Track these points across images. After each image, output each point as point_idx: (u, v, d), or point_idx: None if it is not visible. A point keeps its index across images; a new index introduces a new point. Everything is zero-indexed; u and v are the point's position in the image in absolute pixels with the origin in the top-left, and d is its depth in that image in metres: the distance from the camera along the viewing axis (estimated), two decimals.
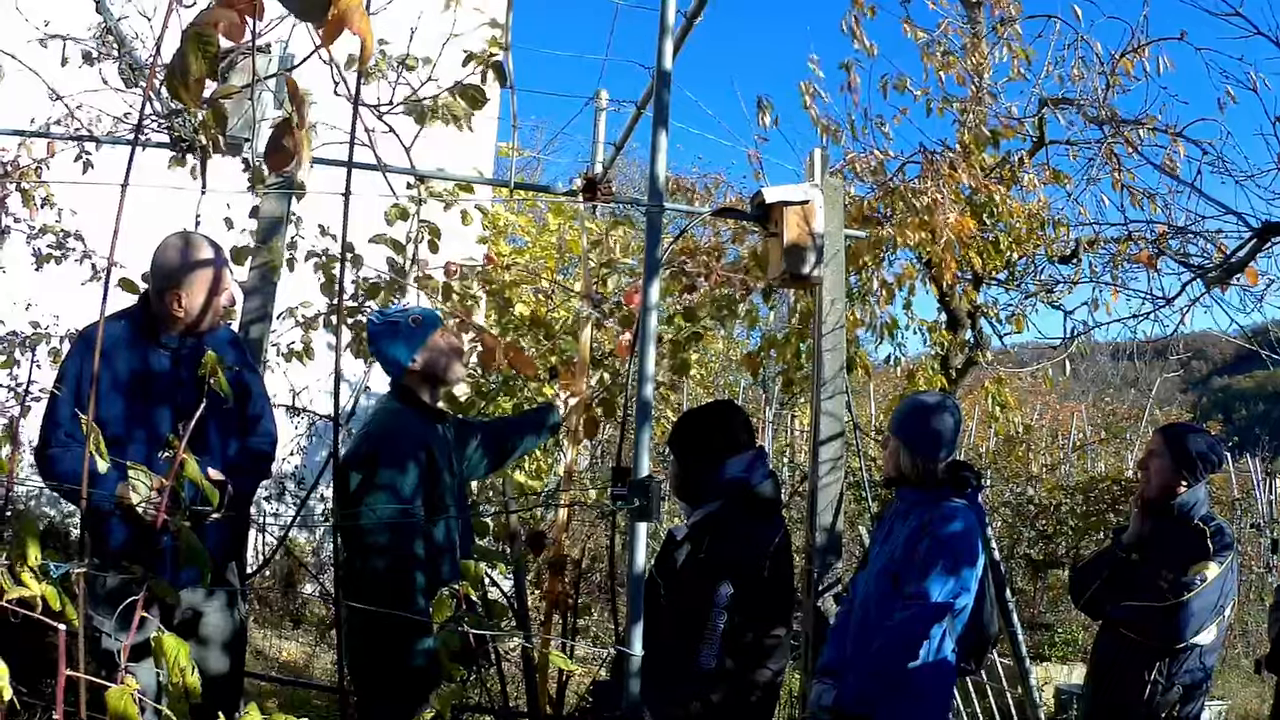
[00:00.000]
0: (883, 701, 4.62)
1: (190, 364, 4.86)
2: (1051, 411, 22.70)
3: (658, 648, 4.28)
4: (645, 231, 4.35)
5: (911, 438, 4.95)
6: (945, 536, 4.65)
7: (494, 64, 5.57)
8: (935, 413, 4.97)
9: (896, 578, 4.69)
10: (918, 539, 4.69)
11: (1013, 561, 12.92)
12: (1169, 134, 8.20)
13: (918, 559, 4.64)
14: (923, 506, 4.80)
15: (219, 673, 4.91)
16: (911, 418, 5.04)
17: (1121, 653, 5.27)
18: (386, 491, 4.76)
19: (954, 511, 4.71)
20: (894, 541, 4.83)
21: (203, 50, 2.14)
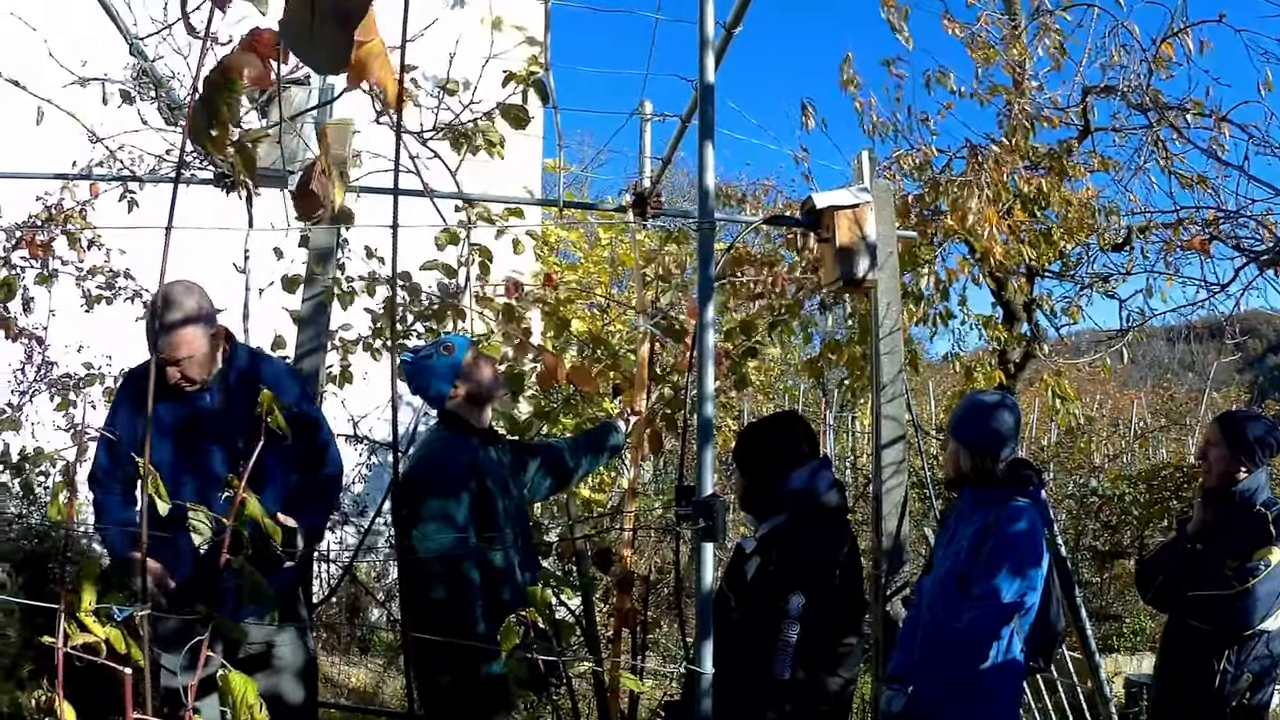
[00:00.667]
0: (953, 704, 4.61)
1: (238, 399, 4.86)
2: (1112, 400, 22.51)
3: (730, 661, 4.25)
4: (698, 249, 4.32)
5: (971, 438, 4.92)
6: (1010, 536, 4.62)
7: (535, 82, 5.57)
8: (993, 411, 4.94)
9: (963, 580, 4.66)
10: (982, 540, 4.66)
11: (1078, 554, 12.80)
12: (1213, 118, 8.11)
13: (983, 560, 4.61)
14: (986, 507, 4.76)
15: (294, 704, 4.93)
16: (970, 418, 5.01)
17: (1189, 643, 5.21)
18: (439, 520, 4.78)
19: (1018, 511, 4.67)
20: (958, 544, 4.80)
21: (226, 97, 2.13)
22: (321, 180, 2.45)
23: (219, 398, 4.86)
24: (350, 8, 1.92)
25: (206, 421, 4.83)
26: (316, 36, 1.94)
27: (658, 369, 6.44)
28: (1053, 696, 7.43)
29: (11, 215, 7.11)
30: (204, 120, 2.14)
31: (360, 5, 1.93)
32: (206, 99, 2.13)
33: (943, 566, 4.89)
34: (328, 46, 1.96)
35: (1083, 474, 14.59)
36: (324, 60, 2.01)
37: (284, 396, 4.88)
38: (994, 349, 9.35)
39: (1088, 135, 9.46)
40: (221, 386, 4.87)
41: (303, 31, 1.93)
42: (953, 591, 4.70)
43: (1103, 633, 11.30)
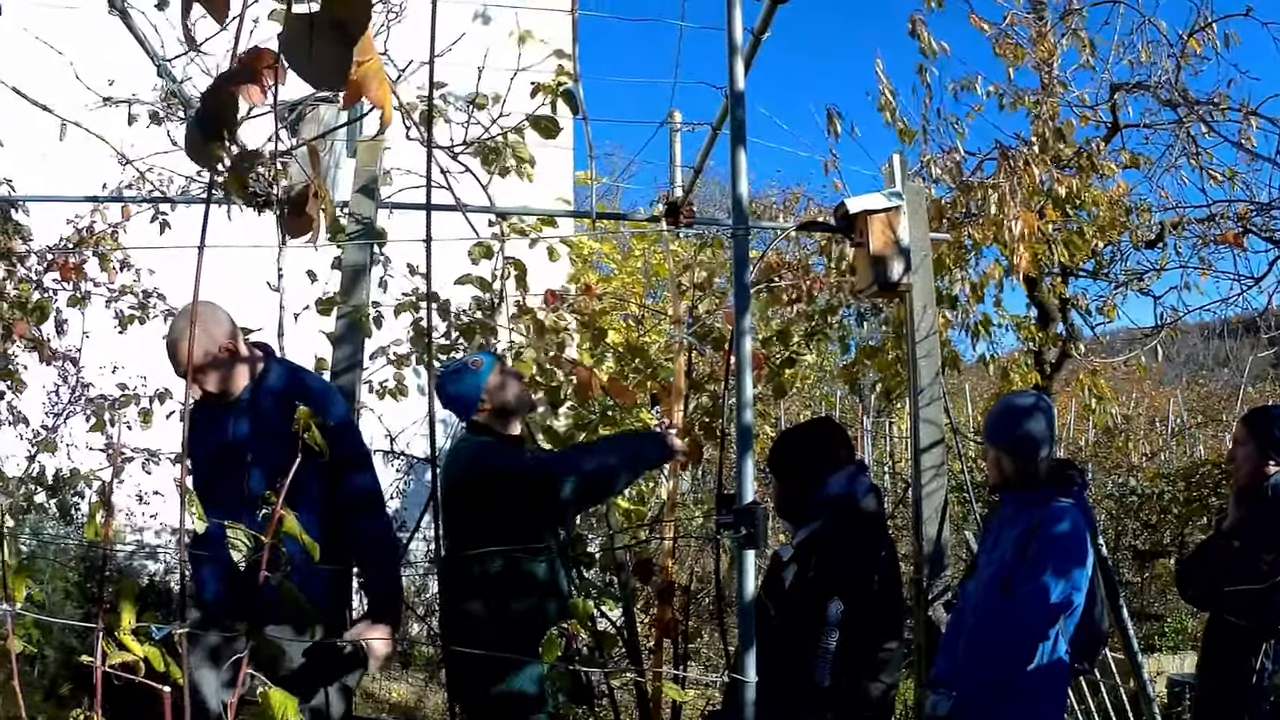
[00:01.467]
0: (998, 706, 4.58)
1: (270, 417, 4.82)
2: (1148, 399, 22.40)
3: (770, 670, 4.22)
4: (732, 256, 4.30)
5: (1008, 443, 4.90)
6: (1054, 537, 4.60)
7: (564, 93, 5.56)
8: (1028, 414, 4.91)
9: (1007, 582, 4.64)
10: (1027, 542, 4.64)
11: (1118, 554, 12.73)
12: (1241, 111, 8.08)
13: (1028, 562, 4.59)
14: (1029, 509, 4.74)
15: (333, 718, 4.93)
16: (1004, 422, 4.99)
17: (1228, 640, 5.15)
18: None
19: (1061, 512, 4.65)
20: (1002, 547, 4.78)
21: (223, 113, 2.13)
22: (314, 203, 2.44)
23: (248, 415, 4.85)
24: (349, 26, 1.92)
25: (237, 440, 4.83)
26: (315, 54, 1.94)
27: (695, 378, 6.43)
28: (1096, 698, 7.39)
29: (42, 238, 7.14)
30: (201, 136, 2.14)
31: (359, 23, 1.94)
32: (204, 116, 2.14)
33: (986, 570, 4.87)
34: (326, 64, 1.96)
35: (1121, 473, 14.52)
36: (322, 78, 2.02)
37: (322, 413, 4.91)
38: (1029, 350, 9.32)
39: (1117, 132, 9.43)
40: (251, 404, 4.88)
41: (302, 49, 1.93)
42: (996, 594, 4.68)
43: (1145, 632, 11.23)
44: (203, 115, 2.16)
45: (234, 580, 4.65)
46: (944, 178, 8.01)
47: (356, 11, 1.93)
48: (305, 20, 1.90)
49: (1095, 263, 9.74)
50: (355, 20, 1.93)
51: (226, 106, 2.13)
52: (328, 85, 2.09)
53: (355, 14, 1.93)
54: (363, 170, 5.75)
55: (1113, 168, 8.81)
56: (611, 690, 6.51)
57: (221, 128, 2.15)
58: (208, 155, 2.17)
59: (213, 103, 2.14)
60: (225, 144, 2.19)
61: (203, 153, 2.17)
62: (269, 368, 4.96)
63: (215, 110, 2.14)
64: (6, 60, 6.24)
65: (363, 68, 2.11)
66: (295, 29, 1.91)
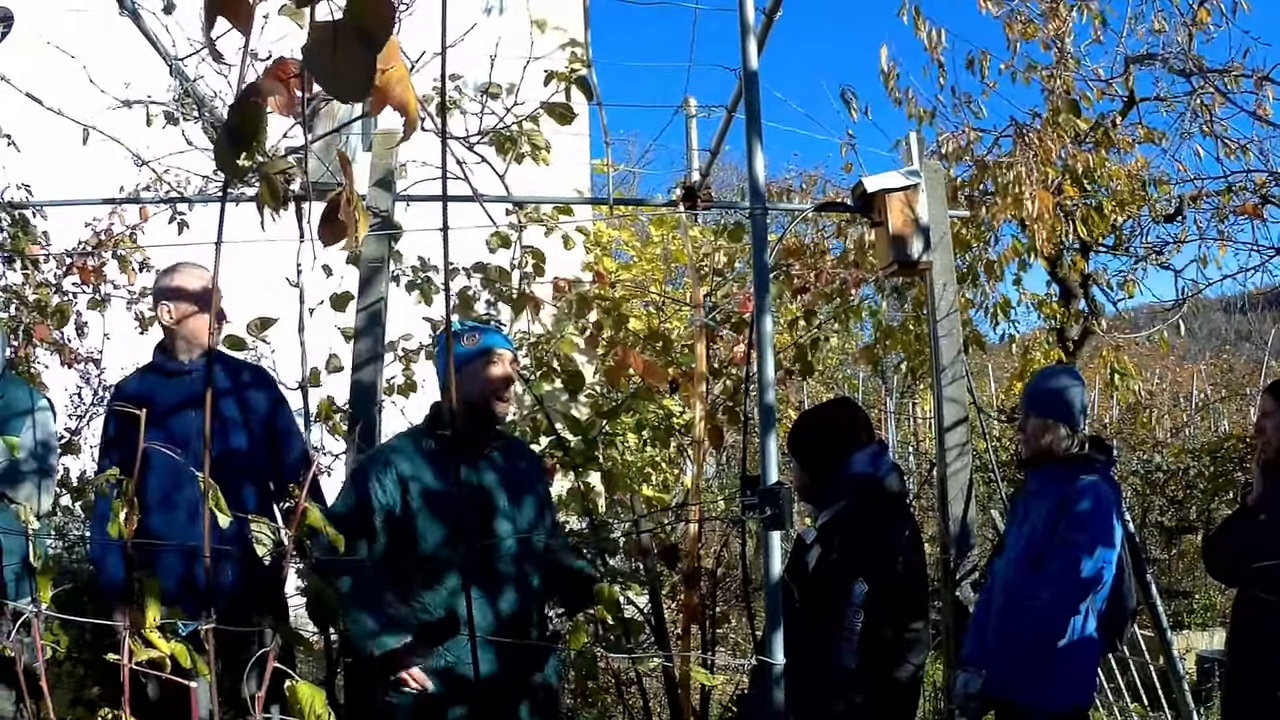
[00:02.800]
0: (1029, 682, 4.62)
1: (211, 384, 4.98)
2: (1171, 374, 22.34)
3: (795, 653, 4.20)
4: (751, 237, 4.29)
5: (1053, 411, 4.91)
6: (1083, 513, 4.62)
7: (578, 80, 5.55)
8: (1069, 387, 4.96)
9: (1036, 559, 4.64)
10: (1056, 518, 4.65)
11: (1145, 530, 12.68)
12: (1255, 79, 8.04)
13: (1057, 537, 4.61)
14: (1057, 485, 4.75)
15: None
16: (1048, 393, 5.00)
17: (1259, 617, 5.07)
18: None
19: (1088, 487, 4.66)
20: (1031, 523, 4.79)
21: (252, 125, 2.13)
22: (347, 210, 2.44)
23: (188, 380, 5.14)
24: (373, 33, 1.91)
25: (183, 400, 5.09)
26: (339, 63, 1.93)
27: (715, 363, 6.41)
28: (1125, 675, 7.36)
29: (60, 243, 7.15)
30: (230, 149, 2.14)
31: (383, 30, 1.92)
32: (232, 128, 2.13)
33: (1015, 547, 4.87)
34: (350, 73, 1.95)
35: (1146, 449, 14.47)
36: (347, 88, 2.00)
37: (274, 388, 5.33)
38: (1051, 327, 9.28)
39: (1133, 106, 9.38)
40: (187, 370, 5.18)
41: (325, 58, 1.92)
42: (1025, 571, 4.69)
43: (1173, 609, 11.19)
44: (231, 128, 2.15)
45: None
46: (960, 155, 7.98)
47: (380, 18, 1.92)
48: (329, 28, 1.89)
49: (1115, 237, 9.69)
50: (379, 27, 1.92)
51: (254, 119, 2.13)
52: (352, 96, 2.07)
53: (379, 21, 1.92)
54: (378, 164, 5.75)
55: (1129, 143, 8.78)
56: (639, 677, 6.51)
57: (250, 140, 2.15)
58: (236, 166, 2.17)
59: (240, 115, 2.13)
60: (254, 156, 2.19)
61: (233, 166, 2.17)
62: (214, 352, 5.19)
63: (243, 123, 2.13)
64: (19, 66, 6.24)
65: (387, 74, 2.11)
66: (318, 38, 1.90)
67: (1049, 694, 4.65)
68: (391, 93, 2.14)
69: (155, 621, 2.52)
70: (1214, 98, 8.51)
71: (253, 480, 5.13)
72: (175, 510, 4.98)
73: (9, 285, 6.95)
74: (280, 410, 5.32)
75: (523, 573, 4.58)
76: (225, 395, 5.22)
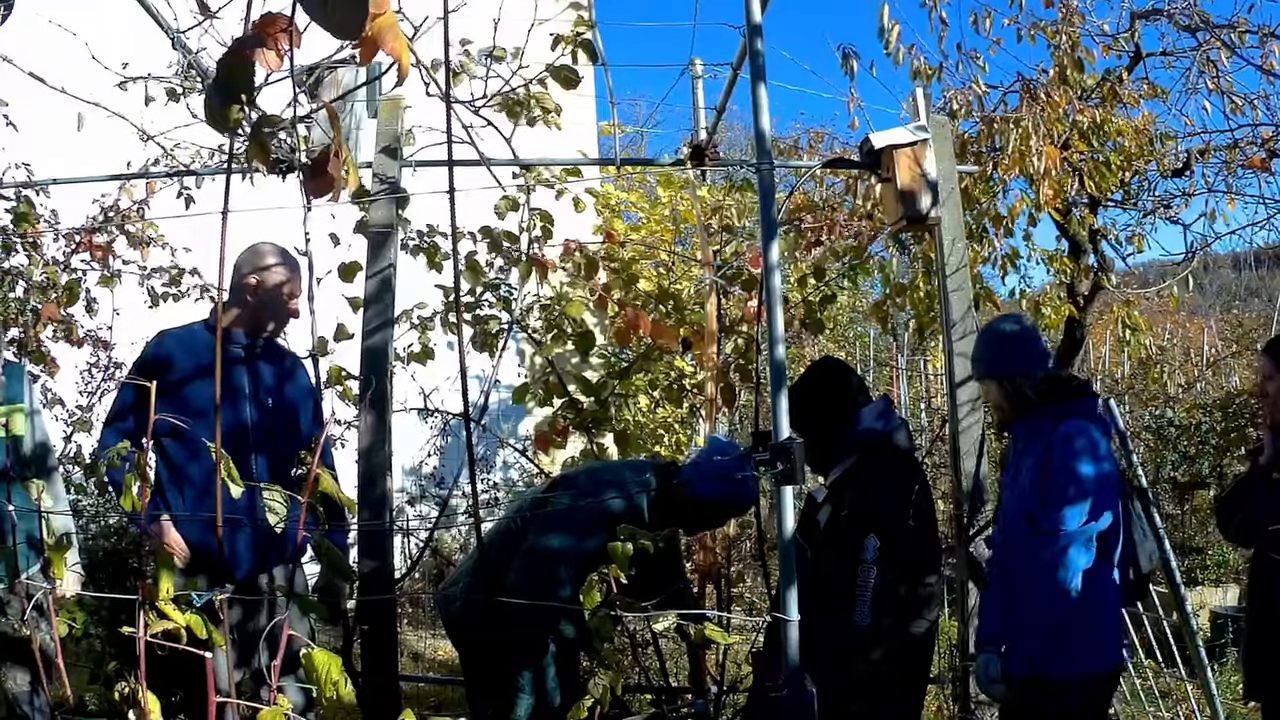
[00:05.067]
0: (1051, 654, 4.52)
1: (266, 363, 5.37)
2: (1182, 330, 22.29)
3: (809, 612, 4.19)
4: (758, 192, 4.28)
5: (992, 369, 4.89)
6: (1065, 461, 4.53)
7: (583, 43, 5.53)
8: (1003, 334, 4.92)
9: (1032, 517, 4.57)
10: (1044, 466, 4.58)
11: (1158, 486, 12.66)
12: (1260, 35, 8.01)
13: (1045, 493, 4.53)
14: (1038, 437, 4.67)
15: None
16: (983, 350, 4.97)
17: (1275, 578, 5.04)
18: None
19: (1069, 432, 4.58)
20: (1021, 481, 4.70)
21: (239, 78, 2.13)
22: (335, 162, 2.44)
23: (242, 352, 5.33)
24: None
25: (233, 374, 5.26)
26: (332, 5, 1.93)
27: (726, 321, 6.41)
28: (1139, 631, 7.37)
29: (67, 221, 7.16)
30: (219, 103, 2.15)
31: None
32: (220, 82, 2.14)
33: (1011, 508, 4.80)
34: (343, 14, 1.95)
35: (1158, 405, 14.44)
36: (341, 25, 2.00)
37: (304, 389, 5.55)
38: (1061, 282, 9.26)
39: (1139, 62, 9.34)
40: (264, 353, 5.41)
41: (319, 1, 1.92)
42: (1024, 531, 4.61)
43: (1186, 565, 11.19)
44: (220, 82, 2.16)
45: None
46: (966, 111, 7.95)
47: None
48: None
49: (1124, 192, 9.66)
50: None
51: (243, 72, 2.14)
52: (345, 35, 2.08)
53: None
54: (384, 130, 5.73)
55: (1136, 99, 8.74)
56: (655, 637, 6.53)
57: (239, 93, 2.15)
58: (227, 121, 2.17)
59: (229, 69, 2.14)
60: (244, 109, 2.18)
61: (222, 119, 2.17)
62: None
63: (231, 76, 2.14)
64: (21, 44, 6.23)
65: (377, 21, 2.11)
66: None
67: (1075, 662, 4.53)
68: (383, 39, 2.14)
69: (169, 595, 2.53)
70: (1220, 52, 8.48)
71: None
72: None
73: (14, 266, 6.96)
74: (318, 404, 5.57)
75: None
76: (279, 376, 5.43)
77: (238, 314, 5.30)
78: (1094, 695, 4.69)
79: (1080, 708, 4.62)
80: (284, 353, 5.54)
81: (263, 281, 5.29)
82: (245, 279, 5.27)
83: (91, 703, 5.47)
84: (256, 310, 5.31)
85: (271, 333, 5.40)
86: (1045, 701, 4.58)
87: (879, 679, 4.61)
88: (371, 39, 2.11)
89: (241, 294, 5.29)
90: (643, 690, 6.48)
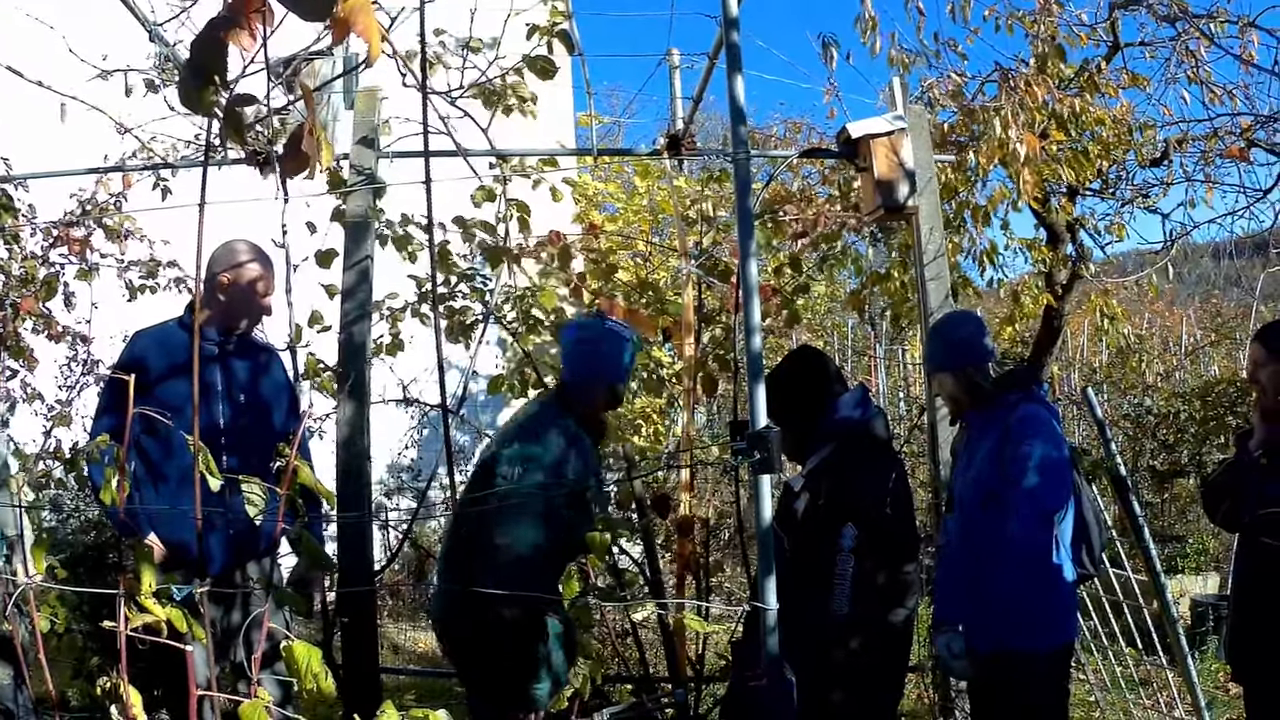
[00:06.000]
0: (1018, 628, 4.62)
1: (240, 359, 5.37)
2: (1161, 319, 22.37)
3: (788, 601, 4.20)
4: (734, 181, 4.28)
5: (943, 361, 5.00)
6: (1023, 442, 4.63)
7: (559, 33, 5.52)
8: (952, 326, 5.07)
9: (988, 501, 4.64)
10: (1000, 453, 4.66)
11: (1137, 475, 12.69)
12: (1240, 25, 8.02)
13: (1008, 474, 4.61)
14: (993, 424, 4.77)
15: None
16: (938, 344, 5.08)
17: (1263, 563, 5.04)
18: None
19: (1025, 415, 4.69)
20: (976, 467, 4.80)
21: (213, 59, 2.12)
22: (309, 141, 2.43)
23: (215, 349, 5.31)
24: None
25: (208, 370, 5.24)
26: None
27: (705, 312, 6.41)
28: (1119, 620, 7.38)
29: (45, 214, 7.13)
30: (194, 85, 2.14)
31: None
32: (194, 62, 2.13)
33: (964, 495, 4.86)
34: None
35: (1137, 393, 14.49)
36: (309, 7, 2.00)
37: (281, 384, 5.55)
38: (1040, 271, 9.28)
39: (1117, 51, 9.35)
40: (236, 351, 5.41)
41: None
42: (979, 514, 4.70)
43: (1166, 554, 11.21)
44: (193, 64, 2.15)
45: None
46: (945, 101, 7.95)
47: None
48: None
49: (1102, 181, 9.67)
50: None
51: (216, 53, 2.13)
52: (314, 17, 2.07)
53: None
54: (361, 121, 5.73)
55: (1114, 88, 8.75)
56: (635, 628, 6.53)
57: (212, 74, 2.14)
58: (202, 103, 2.17)
59: (202, 50, 2.13)
60: (217, 91, 2.18)
61: (196, 101, 2.17)
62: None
63: (205, 58, 2.13)
64: None
65: (349, 3, 2.09)
66: None
67: (1042, 635, 4.66)
68: (354, 19, 2.12)
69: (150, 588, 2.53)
70: (1199, 42, 8.49)
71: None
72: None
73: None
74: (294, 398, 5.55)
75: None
76: (253, 373, 5.44)
77: (210, 312, 5.28)
78: (1057, 665, 4.83)
79: (1045, 677, 4.76)
80: (259, 348, 5.53)
81: (235, 279, 5.28)
82: (217, 277, 5.27)
83: (74, 698, 5.46)
84: (228, 307, 5.29)
85: (245, 330, 5.40)
86: (1012, 675, 4.69)
87: (858, 668, 4.63)
88: (342, 19, 2.10)
89: (213, 292, 5.27)
90: (622, 680, 6.48)
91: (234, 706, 2.39)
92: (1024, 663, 4.67)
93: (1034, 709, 4.77)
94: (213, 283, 5.26)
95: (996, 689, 4.83)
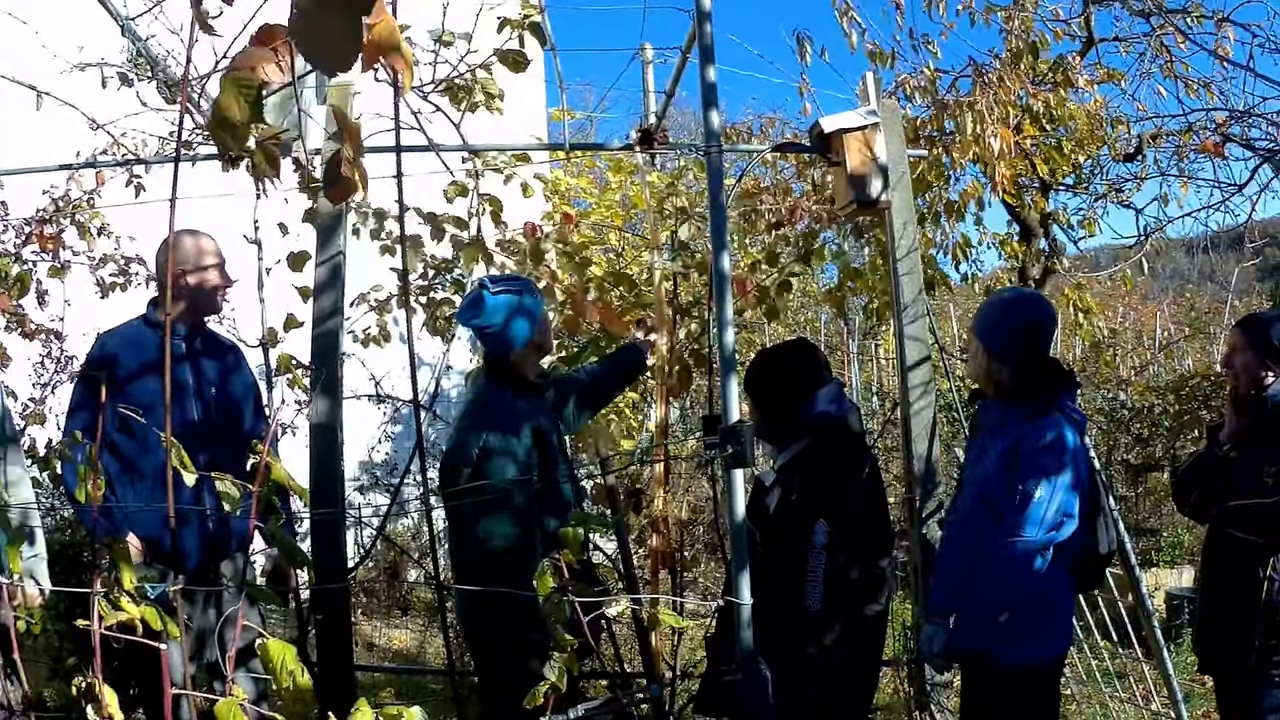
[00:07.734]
0: (1000, 635, 4.52)
1: (207, 357, 5.42)
2: (1135, 314, 22.47)
3: (761, 597, 4.19)
4: (707, 175, 4.28)
5: (993, 341, 4.79)
6: (1040, 461, 4.47)
7: (531, 25, 5.51)
8: (1015, 309, 4.83)
9: (995, 504, 4.55)
10: (1011, 460, 4.53)
11: (1112, 469, 12.75)
12: (1215, 20, 8.05)
13: (1014, 488, 4.48)
14: (1014, 424, 4.60)
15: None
16: (989, 317, 4.89)
17: (1232, 554, 5.04)
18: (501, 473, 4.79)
19: (1045, 429, 4.52)
20: (986, 463, 4.67)
21: (243, 93, 2.10)
22: (351, 167, 2.44)
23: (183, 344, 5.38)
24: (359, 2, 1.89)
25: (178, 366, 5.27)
26: (325, 30, 1.90)
27: (681, 305, 6.40)
28: (1094, 613, 7.41)
29: (17, 210, 7.10)
30: (222, 118, 2.12)
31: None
32: (224, 100, 2.11)
33: (971, 488, 4.78)
34: (337, 39, 1.92)
35: (1111, 388, 14.54)
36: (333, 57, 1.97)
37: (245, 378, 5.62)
38: (1013, 266, 9.31)
39: (1091, 47, 9.39)
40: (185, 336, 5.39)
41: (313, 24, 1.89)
42: (984, 514, 4.60)
43: (1141, 547, 11.27)
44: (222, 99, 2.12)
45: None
46: (918, 95, 7.96)
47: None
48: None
49: (1075, 176, 9.70)
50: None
51: (251, 95, 2.11)
52: (341, 66, 2.02)
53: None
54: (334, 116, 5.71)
55: (1089, 83, 8.77)
56: (609, 622, 6.52)
57: (249, 123, 2.13)
58: (237, 147, 2.16)
59: (235, 91, 2.11)
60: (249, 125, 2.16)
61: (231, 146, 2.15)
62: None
63: (241, 101, 2.11)
64: None
65: (376, 29, 2.08)
66: (304, 7, 1.87)
67: (1021, 646, 4.54)
68: (385, 48, 2.12)
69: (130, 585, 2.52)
70: (1174, 37, 8.52)
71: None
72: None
73: None
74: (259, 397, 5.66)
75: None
76: (221, 369, 5.49)
77: (179, 307, 5.28)
78: (1043, 679, 4.73)
79: (1027, 689, 4.65)
80: (225, 346, 5.54)
81: (199, 272, 5.34)
82: (181, 271, 5.28)
83: (51, 699, 5.44)
84: (194, 301, 5.34)
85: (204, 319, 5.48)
86: (991, 680, 4.64)
87: (832, 663, 4.60)
88: (373, 47, 2.08)
89: (178, 286, 5.27)
90: (596, 676, 6.47)
91: (210, 705, 2.38)
92: (1004, 671, 4.58)
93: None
94: (177, 278, 5.25)
95: (975, 691, 4.80)
